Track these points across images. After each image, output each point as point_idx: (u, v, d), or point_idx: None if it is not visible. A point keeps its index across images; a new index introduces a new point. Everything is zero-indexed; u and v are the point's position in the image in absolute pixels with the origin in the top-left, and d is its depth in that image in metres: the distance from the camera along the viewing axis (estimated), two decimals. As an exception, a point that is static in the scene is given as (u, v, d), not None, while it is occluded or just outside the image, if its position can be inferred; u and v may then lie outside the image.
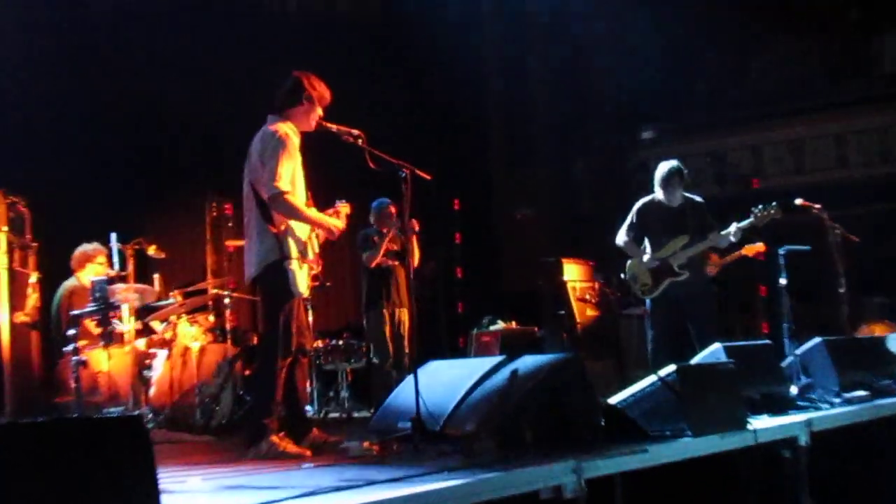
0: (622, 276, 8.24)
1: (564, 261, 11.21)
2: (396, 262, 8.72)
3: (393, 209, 8.65)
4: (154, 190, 10.23)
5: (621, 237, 7.96)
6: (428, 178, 5.60)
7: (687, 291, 7.63)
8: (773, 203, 7.51)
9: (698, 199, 7.89)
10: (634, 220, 7.88)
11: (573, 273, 11.22)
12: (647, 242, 7.87)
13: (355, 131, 5.68)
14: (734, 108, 14.08)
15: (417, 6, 12.26)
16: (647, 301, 7.86)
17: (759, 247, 8.21)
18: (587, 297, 11.08)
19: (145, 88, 10.05)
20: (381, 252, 8.60)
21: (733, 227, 7.52)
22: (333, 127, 5.74)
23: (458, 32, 12.85)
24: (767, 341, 7.13)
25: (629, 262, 7.96)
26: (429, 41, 12.37)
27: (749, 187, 12.10)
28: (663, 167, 7.75)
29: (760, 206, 7.50)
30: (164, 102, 10.20)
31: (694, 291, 7.65)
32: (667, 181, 7.69)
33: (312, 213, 5.67)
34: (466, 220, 11.98)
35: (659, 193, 7.76)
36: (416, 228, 7.68)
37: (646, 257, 7.78)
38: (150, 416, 7.56)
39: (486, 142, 14.69)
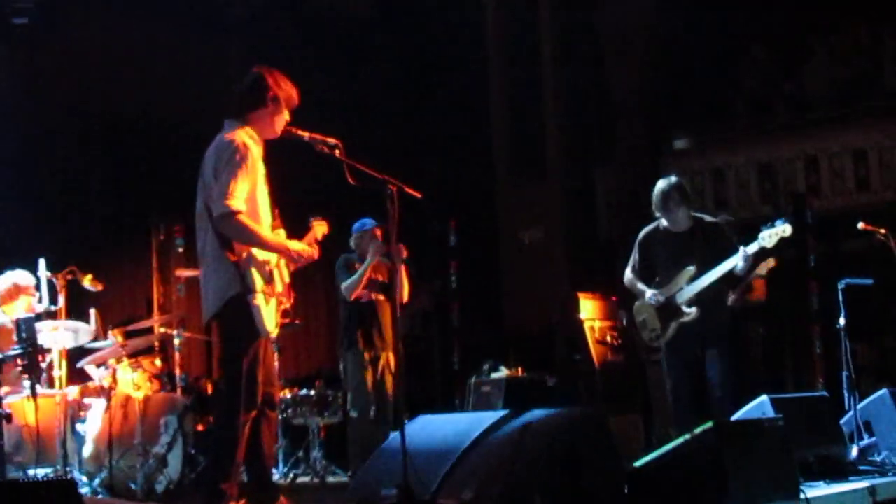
0: (623, 321, 8.19)
1: (581, 295, 11.22)
2: (381, 296, 8.66)
3: (378, 231, 8.56)
4: (90, 209, 10.27)
5: (627, 276, 7.93)
6: (418, 195, 5.60)
7: (701, 333, 7.52)
8: (782, 220, 7.42)
9: (710, 218, 7.87)
10: (638, 255, 7.85)
11: (591, 310, 11.23)
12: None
13: (331, 140, 5.66)
14: (785, 112, 14.14)
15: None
16: (663, 346, 7.73)
17: (770, 262, 8.29)
18: (608, 338, 11.10)
19: (79, 90, 10.11)
20: (363, 282, 8.55)
21: (740, 252, 7.38)
22: (305, 134, 5.71)
23: (457, 23, 12.93)
24: (823, 393, 7.18)
25: (636, 304, 7.90)
26: (423, 35, 12.43)
27: (803, 206, 12.11)
28: (658, 186, 7.68)
29: (768, 225, 7.44)
30: (103, 106, 10.24)
31: (709, 332, 7.53)
32: (664, 203, 7.61)
33: (270, 236, 5.63)
34: (465, 246, 12.02)
35: (662, 219, 7.73)
36: (405, 255, 7.67)
37: (647, 296, 7.70)
38: (84, 479, 7.59)
39: (489, 151, 14.72)
